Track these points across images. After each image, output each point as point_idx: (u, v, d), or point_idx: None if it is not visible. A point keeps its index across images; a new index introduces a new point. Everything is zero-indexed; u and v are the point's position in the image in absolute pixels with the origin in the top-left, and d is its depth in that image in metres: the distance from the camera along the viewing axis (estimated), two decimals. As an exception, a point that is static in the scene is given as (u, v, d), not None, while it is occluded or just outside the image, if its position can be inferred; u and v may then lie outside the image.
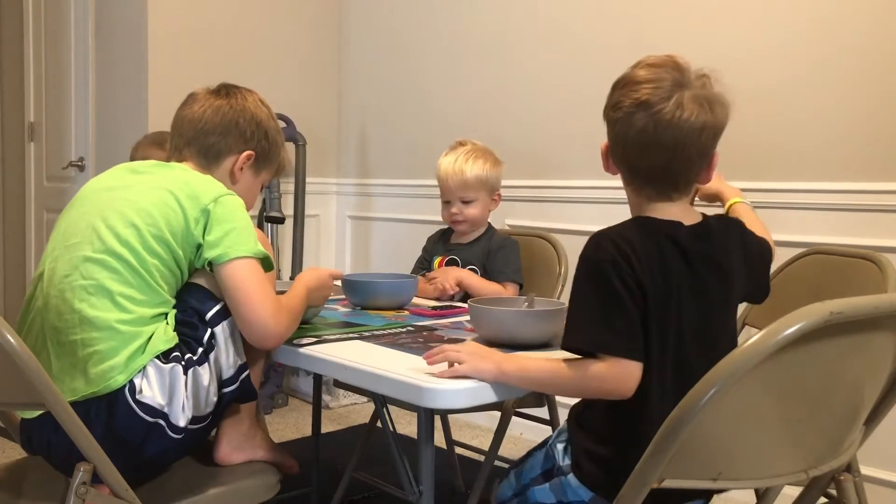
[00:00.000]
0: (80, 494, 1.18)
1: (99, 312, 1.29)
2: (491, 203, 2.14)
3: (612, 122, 1.23)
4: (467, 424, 3.17)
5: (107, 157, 3.53)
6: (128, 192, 1.39)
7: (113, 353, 1.27)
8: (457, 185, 2.09)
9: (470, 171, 2.09)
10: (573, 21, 2.92)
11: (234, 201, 1.41)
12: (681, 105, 1.15)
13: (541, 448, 1.38)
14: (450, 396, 1.19)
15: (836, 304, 0.88)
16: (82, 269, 1.32)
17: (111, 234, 1.33)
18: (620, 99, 1.20)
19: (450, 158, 2.13)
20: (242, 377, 1.39)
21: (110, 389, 1.27)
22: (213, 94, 1.55)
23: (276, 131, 1.60)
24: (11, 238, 4.34)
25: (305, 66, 3.82)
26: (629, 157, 1.23)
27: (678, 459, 0.92)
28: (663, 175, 1.20)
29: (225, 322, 1.37)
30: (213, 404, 1.36)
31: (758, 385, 0.90)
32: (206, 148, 1.52)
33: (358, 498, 2.34)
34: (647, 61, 1.22)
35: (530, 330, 1.45)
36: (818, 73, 2.28)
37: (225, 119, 1.52)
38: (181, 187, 1.38)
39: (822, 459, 1.01)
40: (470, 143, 2.19)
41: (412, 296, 1.92)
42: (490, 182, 2.11)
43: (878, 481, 2.16)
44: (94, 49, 3.63)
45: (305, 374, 3.47)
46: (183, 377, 1.30)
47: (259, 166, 1.58)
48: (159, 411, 1.29)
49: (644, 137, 1.17)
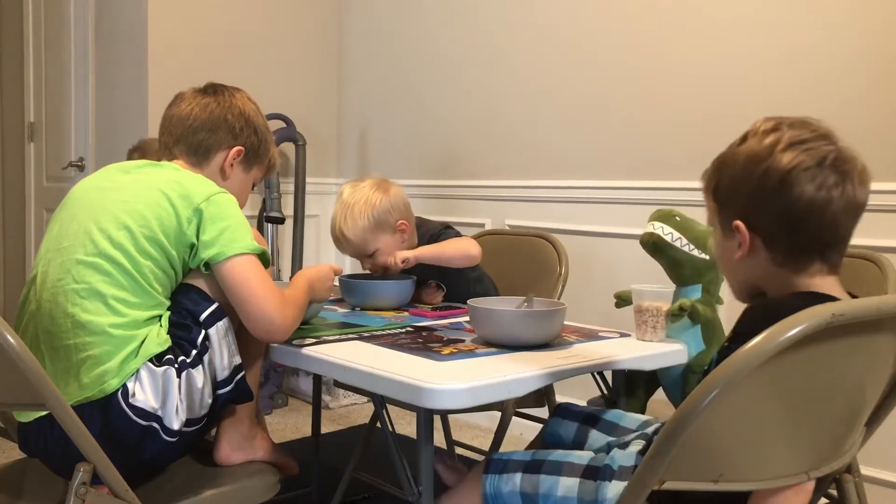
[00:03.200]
0: (79, 495, 1.17)
1: (92, 317, 1.28)
2: (399, 235, 1.97)
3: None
4: (467, 424, 3.17)
5: (107, 157, 3.53)
6: (119, 194, 1.38)
7: (107, 357, 1.27)
8: (350, 251, 1.99)
9: (352, 236, 1.94)
10: (572, 22, 2.92)
11: (226, 199, 1.40)
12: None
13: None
14: (450, 396, 1.18)
15: (838, 305, 0.88)
16: (74, 273, 1.31)
17: (103, 236, 1.33)
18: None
19: (334, 223, 1.97)
20: (238, 378, 1.39)
21: (104, 394, 1.27)
22: (201, 92, 1.57)
23: (264, 127, 1.61)
24: (11, 238, 4.34)
25: (306, 66, 3.81)
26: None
27: (679, 461, 0.92)
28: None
29: (220, 323, 1.36)
30: (208, 406, 1.35)
31: (760, 387, 0.90)
32: (196, 145, 1.52)
33: (358, 498, 2.34)
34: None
35: (530, 330, 1.45)
36: (819, 75, 2.28)
37: (213, 115, 1.53)
38: (173, 187, 1.38)
39: (823, 461, 1.01)
40: (345, 189, 1.99)
41: (411, 296, 1.92)
42: (381, 224, 1.94)
43: (879, 481, 2.16)
44: (94, 49, 3.62)
45: (305, 374, 3.46)
46: (176, 380, 1.30)
47: (249, 162, 1.59)
48: (153, 414, 1.28)
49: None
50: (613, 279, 2.58)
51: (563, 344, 1.49)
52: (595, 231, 2.82)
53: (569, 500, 1.23)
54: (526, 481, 1.27)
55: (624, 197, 2.75)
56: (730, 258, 1.13)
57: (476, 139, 3.23)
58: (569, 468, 1.26)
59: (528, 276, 2.13)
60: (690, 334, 1.56)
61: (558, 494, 1.24)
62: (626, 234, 2.66)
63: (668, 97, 2.64)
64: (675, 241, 1.56)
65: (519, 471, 1.28)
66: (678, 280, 1.60)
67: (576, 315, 1.66)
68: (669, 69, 2.64)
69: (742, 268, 1.13)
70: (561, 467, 1.26)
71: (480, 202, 3.22)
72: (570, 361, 1.35)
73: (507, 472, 1.29)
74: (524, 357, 1.37)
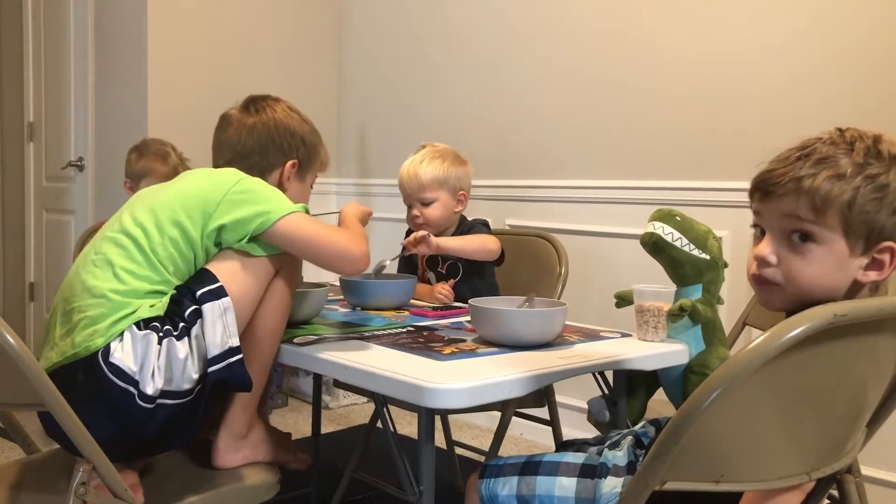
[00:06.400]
0: (79, 494, 1.17)
1: (98, 282, 1.34)
2: (455, 203, 2.11)
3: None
4: (467, 424, 3.17)
5: (106, 157, 3.53)
6: (160, 189, 1.49)
7: (100, 319, 1.30)
8: (413, 187, 2.08)
9: (425, 173, 2.07)
10: (575, 20, 2.92)
11: (254, 179, 1.48)
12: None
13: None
14: (450, 396, 1.18)
15: (840, 306, 0.88)
16: (98, 247, 1.40)
17: (129, 217, 1.42)
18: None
19: (407, 162, 2.12)
20: (232, 361, 1.34)
21: (89, 352, 1.29)
22: (244, 111, 1.63)
23: (311, 133, 1.68)
24: (11, 238, 4.34)
25: (305, 66, 3.81)
26: None
27: (680, 461, 0.91)
28: None
29: (218, 301, 1.35)
30: (193, 381, 1.32)
31: (761, 387, 0.90)
32: (250, 168, 1.58)
33: (358, 498, 2.34)
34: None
35: (531, 330, 1.45)
36: (818, 71, 2.28)
37: (261, 138, 1.60)
38: (206, 174, 1.48)
39: (825, 461, 1.01)
40: (431, 145, 2.16)
41: (412, 296, 1.92)
42: (450, 181, 2.08)
43: (879, 481, 2.16)
44: (94, 49, 3.62)
45: (305, 374, 3.47)
46: (157, 347, 1.30)
47: (304, 171, 1.67)
48: (130, 377, 1.28)
49: None
50: (613, 279, 2.58)
51: (564, 344, 1.49)
52: (595, 231, 2.82)
53: (566, 499, 1.23)
54: (522, 483, 1.27)
55: (624, 197, 2.76)
56: (845, 277, 1.04)
57: (476, 139, 3.22)
58: (565, 468, 1.26)
59: (528, 276, 2.13)
60: (691, 334, 1.56)
61: (556, 494, 1.24)
62: (626, 234, 2.66)
63: (669, 97, 2.64)
64: (676, 240, 1.56)
65: (515, 474, 1.28)
66: (678, 280, 1.60)
67: (576, 315, 1.66)
68: (669, 69, 2.64)
69: (870, 281, 1.04)
70: (557, 467, 1.27)
71: (480, 202, 3.21)
72: (571, 361, 1.35)
73: (503, 475, 1.29)
74: (525, 357, 1.37)
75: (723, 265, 1.59)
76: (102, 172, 3.59)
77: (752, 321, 1.89)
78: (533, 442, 2.97)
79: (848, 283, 1.04)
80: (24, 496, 1.37)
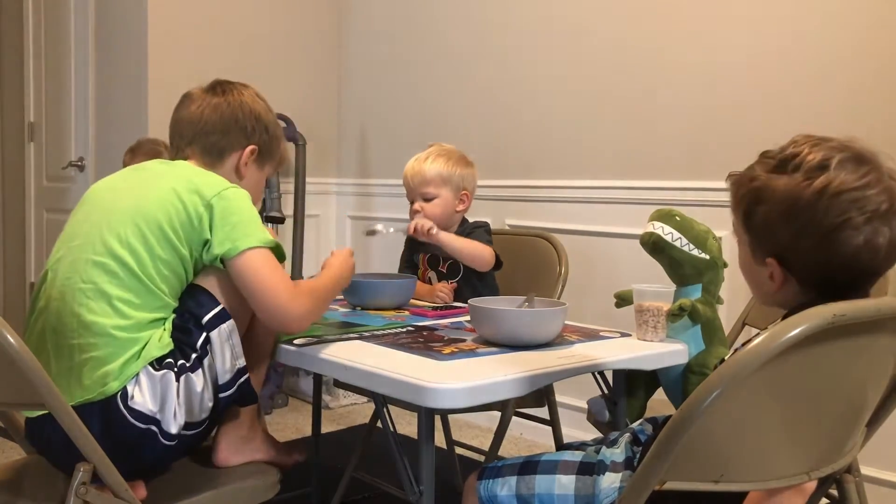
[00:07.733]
0: (80, 494, 1.17)
1: (97, 318, 1.28)
2: (457, 203, 2.10)
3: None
4: (467, 424, 3.17)
5: (106, 157, 3.53)
6: (132, 193, 1.39)
7: (109, 359, 1.27)
8: (416, 182, 2.08)
9: (429, 168, 2.07)
10: (574, 21, 2.92)
11: (237, 193, 1.40)
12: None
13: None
14: (450, 396, 1.18)
15: (839, 306, 0.88)
16: (82, 272, 1.32)
17: (112, 236, 1.33)
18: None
19: (413, 159, 2.13)
20: (241, 381, 1.38)
21: (104, 396, 1.27)
22: (209, 92, 1.56)
23: (274, 124, 1.61)
24: (11, 238, 4.34)
25: (305, 66, 3.81)
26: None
27: (680, 461, 0.92)
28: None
29: (223, 325, 1.35)
30: (209, 410, 1.35)
31: (761, 387, 0.90)
32: (209, 147, 1.52)
33: (358, 498, 2.34)
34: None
35: (531, 329, 1.45)
36: (817, 72, 2.28)
37: (224, 117, 1.52)
38: (184, 184, 1.37)
39: (824, 461, 1.01)
40: (438, 145, 2.17)
41: (412, 296, 1.92)
42: (453, 180, 2.08)
43: (879, 481, 2.16)
44: (94, 49, 3.62)
45: (305, 374, 3.46)
46: (175, 384, 1.29)
47: (262, 160, 1.59)
48: (151, 418, 1.28)
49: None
50: (613, 279, 2.58)
51: (564, 344, 1.49)
52: (595, 231, 2.82)
53: (566, 497, 1.24)
54: (521, 483, 1.27)
55: (624, 197, 2.75)
56: (757, 279, 1.10)
57: (475, 139, 3.22)
58: (564, 466, 1.27)
59: (528, 276, 2.13)
60: (690, 334, 1.56)
61: (555, 492, 1.24)
62: (626, 234, 2.66)
63: (669, 97, 2.64)
64: (675, 240, 1.56)
65: (513, 474, 1.29)
66: (678, 280, 1.60)
67: (576, 315, 1.66)
68: (669, 69, 2.63)
69: (769, 292, 1.09)
70: (556, 466, 1.27)
71: (480, 202, 3.20)
72: (571, 361, 1.35)
73: (502, 476, 1.30)
74: (525, 357, 1.37)
75: (722, 265, 1.59)
76: (103, 172, 3.57)
77: (751, 321, 1.89)
78: (533, 442, 2.97)
79: (781, 294, 1.08)
80: (24, 496, 1.37)
